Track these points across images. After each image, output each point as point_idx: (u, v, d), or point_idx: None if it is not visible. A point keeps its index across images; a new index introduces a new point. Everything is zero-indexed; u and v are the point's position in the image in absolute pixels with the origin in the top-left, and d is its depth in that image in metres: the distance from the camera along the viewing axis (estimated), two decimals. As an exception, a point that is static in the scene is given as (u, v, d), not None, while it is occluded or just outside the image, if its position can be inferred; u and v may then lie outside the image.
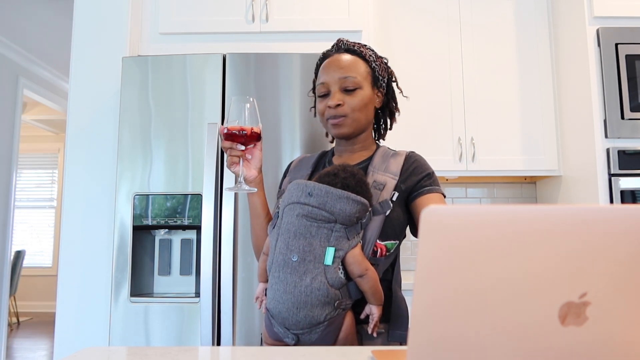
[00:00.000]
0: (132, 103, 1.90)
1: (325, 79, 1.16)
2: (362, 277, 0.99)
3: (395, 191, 1.10)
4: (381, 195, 1.09)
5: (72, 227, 2.01)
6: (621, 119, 2.08)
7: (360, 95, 1.15)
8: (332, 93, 1.15)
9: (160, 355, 0.75)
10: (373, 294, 1.01)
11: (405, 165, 1.14)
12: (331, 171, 1.07)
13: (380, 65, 1.20)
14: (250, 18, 2.18)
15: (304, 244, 0.99)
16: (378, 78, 1.19)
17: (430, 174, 1.14)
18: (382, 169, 1.14)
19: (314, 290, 0.97)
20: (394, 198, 1.09)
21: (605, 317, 0.46)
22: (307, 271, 0.98)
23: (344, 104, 1.14)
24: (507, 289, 0.45)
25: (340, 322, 1.00)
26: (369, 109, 1.17)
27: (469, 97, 2.45)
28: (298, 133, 1.87)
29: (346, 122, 1.15)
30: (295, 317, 0.98)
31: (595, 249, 0.45)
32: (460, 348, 0.46)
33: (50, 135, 6.69)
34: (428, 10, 2.52)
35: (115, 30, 2.12)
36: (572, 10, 2.29)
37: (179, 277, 1.94)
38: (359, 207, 1.01)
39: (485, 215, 0.44)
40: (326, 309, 0.97)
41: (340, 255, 0.99)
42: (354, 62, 1.16)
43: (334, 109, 1.14)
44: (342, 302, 0.99)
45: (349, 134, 1.17)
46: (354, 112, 1.14)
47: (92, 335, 1.94)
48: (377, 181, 1.11)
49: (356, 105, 1.14)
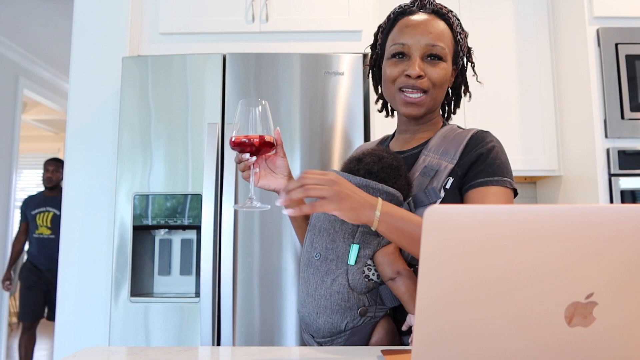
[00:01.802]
0: (132, 103, 1.90)
1: (407, 41, 0.97)
2: (393, 281, 0.85)
3: (450, 177, 0.92)
4: (430, 183, 0.91)
5: (72, 227, 2.01)
6: (621, 119, 2.08)
7: (444, 69, 0.97)
8: (412, 59, 0.96)
9: (160, 355, 0.75)
10: (409, 301, 0.84)
11: (469, 146, 0.94)
12: (356, 156, 0.94)
13: (464, 40, 1.03)
14: (250, 18, 2.18)
15: (327, 241, 0.88)
16: (459, 53, 1.02)
17: (493, 160, 0.92)
18: (438, 151, 0.95)
19: (334, 293, 0.85)
20: (447, 185, 0.91)
21: (612, 318, 0.46)
22: (329, 271, 0.86)
23: (425, 76, 0.95)
24: (511, 289, 0.45)
25: (367, 332, 0.86)
26: (445, 86, 1.00)
27: (469, 97, 2.45)
28: (298, 133, 1.87)
29: (425, 101, 0.97)
30: (316, 323, 0.87)
31: (598, 249, 0.45)
32: (465, 347, 0.46)
33: (50, 135, 6.68)
34: (428, 10, 2.52)
35: (115, 30, 2.12)
36: (572, 10, 2.29)
37: (179, 277, 1.94)
38: (383, 197, 0.85)
39: (488, 215, 0.44)
40: (347, 316, 0.85)
41: (367, 254, 0.87)
42: (441, 31, 0.98)
43: (414, 79, 0.95)
44: (368, 308, 0.85)
45: (423, 114, 1.00)
46: (435, 88, 0.97)
47: (92, 335, 1.94)
48: (429, 166, 0.94)
49: (438, 80, 0.96)
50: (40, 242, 3.63)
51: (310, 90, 1.89)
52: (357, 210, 0.78)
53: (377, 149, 0.96)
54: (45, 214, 3.66)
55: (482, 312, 0.45)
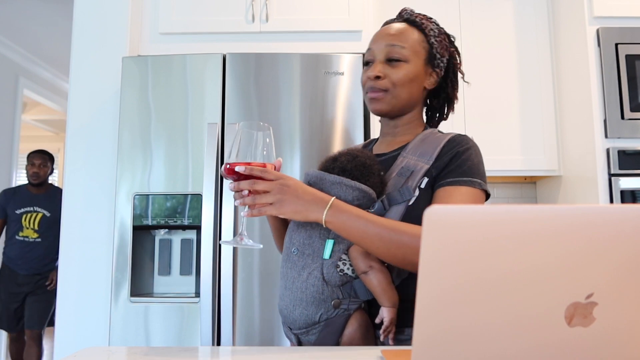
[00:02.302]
0: (132, 103, 1.90)
1: (371, 46, 1.05)
2: (366, 274, 0.89)
3: (425, 177, 0.95)
4: (405, 182, 0.95)
5: (72, 227, 2.01)
6: (621, 119, 2.08)
7: (405, 69, 1.01)
8: (374, 62, 1.03)
9: (160, 355, 0.75)
10: (381, 294, 0.88)
11: (445, 148, 0.98)
12: (332, 155, 0.98)
13: (441, 43, 1.06)
14: (250, 18, 2.18)
15: (304, 237, 0.92)
16: (435, 56, 1.05)
17: (465, 162, 0.95)
18: (416, 153, 0.99)
19: (309, 286, 0.89)
20: (422, 185, 0.95)
21: (612, 318, 0.46)
22: (306, 265, 0.90)
23: (384, 76, 1.01)
24: (511, 289, 0.45)
25: (340, 324, 0.89)
26: (414, 87, 1.03)
27: (468, 96, 2.45)
28: (298, 133, 1.87)
29: (385, 98, 1.02)
30: (292, 315, 0.91)
31: (598, 249, 0.45)
32: (465, 347, 0.46)
33: (50, 135, 6.68)
34: (428, 11, 2.50)
35: (115, 30, 2.12)
36: (572, 10, 2.29)
37: (179, 277, 1.94)
38: (355, 194, 0.91)
39: (488, 215, 0.44)
40: (321, 308, 0.89)
41: (342, 249, 0.91)
42: (405, 31, 1.04)
43: (373, 80, 1.02)
44: (342, 301, 0.89)
45: (387, 112, 1.04)
46: (396, 88, 1.01)
47: (92, 335, 1.94)
48: (405, 167, 0.98)
49: (398, 80, 1.01)
50: (23, 246, 3.18)
51: (310, 90, 1.89)
52: (302, 213, 0.86)
53: (352, 148, 1.01)
54: (32, 215, 3.21)
55: (482, 312, 0.45)
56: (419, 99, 1.07)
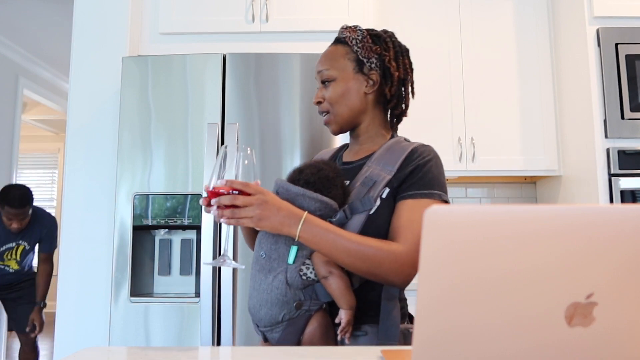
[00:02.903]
0: (132, 103, 1.90)
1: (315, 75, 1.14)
2: (326, 279, 0.95)
3: (387, 187, 1.00)
4: (368, 192, 1.01)
5: (72, 227, 2.01)
6: (621, 119, 2.08)
7: (333, 87, 1.08)
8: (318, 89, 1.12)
9: (160, 355, 0.75)
10: (339, 298, 0.95)
11: (407, 160, 1.02)
12: (299, 167, 1.05)
13: (364, 47, 1.08)
14: (250, 18, 2.18)
15: (272, 242, 0.99)
16: (362, 61, 1.08)
17: (425, 174, 1.00)
18: (380, 163, 1.04)
19: (274, 288, 0.96)
20: (383, 195, 1.00)
21: (612, 318, 0.46)
22: (272, 269, 0.97)
23: (323, 100, 1.09)
24: (511, 289, 0.45)
25: (301, 324, 0.96)
26: (351, 98, 1.08)
27: (469, 97, 2.45)
28: (298, 133, 1.87)
29: (330, 119, 1.10)
30: (259, 314, 0.98)
31: (598, 249, 0.45)
32: (465, 347, 0.46)
33: (50, 135, 6.68)
34: (428, 11, 2.52)
35: (115, 30, 2.12)
36: (572, 10, 2.29)
37: (179, 277, 1.94)
38: (317, 205, 0.97)
39: (488, 215, 0.44)
40: (284, 309, 0.95)
41: (305, 254, 0.97)
42: (329, 52, 1.11)
43: (318, 106, 1.11)
44: (303, 303, 0.96)
45: (339, 130, 1.11)
46: (333, 107, 1.08)
47: (92, 335, 1.94)
48: (369, 176, 1.03)
49: (332, 99, 1.08)
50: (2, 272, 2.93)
51: (310, 90, 1.89)
52: (277, 229, 0.91)
53: (318, 161, 1.06)
54: (14, 249, 2.93)
55: (482, 312, 0.45)
56: (364, 106, 1.10)
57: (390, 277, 0.93)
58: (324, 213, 0.98)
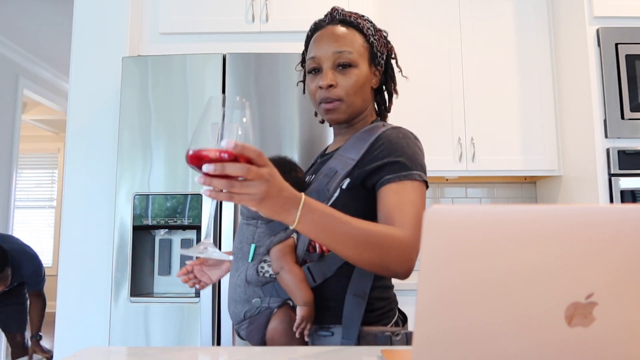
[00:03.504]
0: (132, 103, 1.90)
1: (316, 53, 1.00)
2: (278, 275, 0.94)
3: (348, 178, 0.94)
4: (329, 183, 0.95)
5: (72, 227, 2.01)
6: (621, 119, 2.08)
7: (355, 75, 0.98)
8: (324, 71, 0.99)
9: (160, 355, 0.75)
10: (291, 293, 0.93)
11: (372, 147, 0.95)
12: None
13: (379, 40, 1.04)
14: (250, 18, 2.18)
15: (238, 242, 1.00)
16: (376, 54, 1.03)
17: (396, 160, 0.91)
18: (346, 151, 0.98)
19: (237, 287, 0.97)
20: (343, 185, 0.94)
21: (612, 318, 0.46)
22: (238, 268, 0.98)
23: (337, 85, 0.98)
24: (511, 289, 0.45)
25: (262, 321, 0.95)
26: (365, 91, 1.02)
27: (469, 97, 2.45)
28: (298, 133, 1.87)
29: (341, 108, 0.99)
30: (229, 312, 1.00)
31: (598, 249, 0.45)
32: (465, 347, 0.46)
33: (50, 135, 6.68)
34: (428, 11, 2.52)
35: (115, 30, 2.12)
36: (572, 10, 2.29)
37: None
38: None
39: (489, 215, 0.44)
40: (245, 306, 0.96)
41: (262, 252, 0.96)
42: (350, 35, 1.00)
43: (326, 90, 0.98)
44: (262, 300, 0.95)
45: (345, 120, 1.02)
46: (349, 96, 0.98)
47: (92, 335, 1.94)
48: (332, 166, 0.97)
49: (351, 87, 0.98)
50: None
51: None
52: (276, 214, 0.75)
53: (272, 157, 0.96)
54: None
55: (482, 312, 0.45)
56: (369, 100, 1.05)
57: (395, 266, 0.83)
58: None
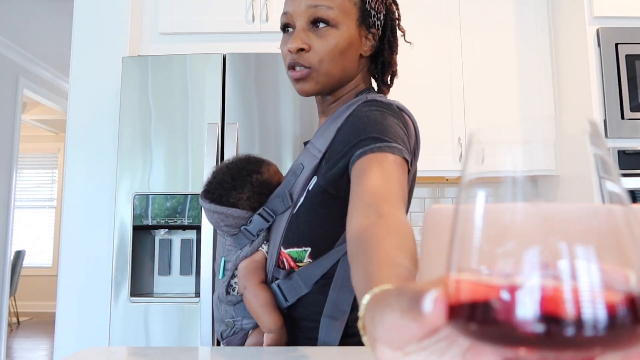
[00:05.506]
0: (132, 103, 1.90)
1: (289, 8, 0.79)
2: (243, 296, 0.79)
3: (315, 176, 0.76)
4: (295, 184, 0.79)
5: (72, 227, 2.01)
6: (621, 119, 2.08)
7: (334, 37, 0.77)
8: (295, 30, 0.78)
9: (160, 355, 0.75)
10: (257, 319, 0.77)
11: (342, 127, 0.75)
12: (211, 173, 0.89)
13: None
14: (250, 18, 2.18)
15: (218, 260, 0.88)
16: (369, 13, 0.80)
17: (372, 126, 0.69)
18: (317, 140, 0.80)
19: (214, 305, 0.86)
20: (310, 187, 0.76)
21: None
22: (217, 285, 0.86)
23: (309, 48, 0.77)
24: (508, 289, 0.45)
25: (238, 342, 0.84)
26: (348, 58, 0.79)
27: (469, 96, 2.45)
28: (298, 133, 1.87)
29: (311, 76, 0.77)
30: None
31: (599, 249, 0.45)
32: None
33: (50, 135, 6.69)
34: (428, 10, 2.52)
35: (115, 30, 2.12)
36: (572, 10, 2.29)
37: (179, 277, 1.94)
38: (221, 217, 0.80)
39: (487, 215, 0.44)
40: (221, 326, 0.84)
41: (231, 267, 0.83)
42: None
43: (296, 54, 0.77)
44: (234, 321, 0.82)
45: (317, 92, 0.80)
46: (324, 63, 0.77)
47: (92, 335, 1.94)
48: (299, 162, 0.80)
49: (327, 52, 0.76)
50: None
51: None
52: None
53: (225, 161, 0.86)
54: None
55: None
56: (356, 69, 0.82)
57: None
58: (231, 224, 0.81)
